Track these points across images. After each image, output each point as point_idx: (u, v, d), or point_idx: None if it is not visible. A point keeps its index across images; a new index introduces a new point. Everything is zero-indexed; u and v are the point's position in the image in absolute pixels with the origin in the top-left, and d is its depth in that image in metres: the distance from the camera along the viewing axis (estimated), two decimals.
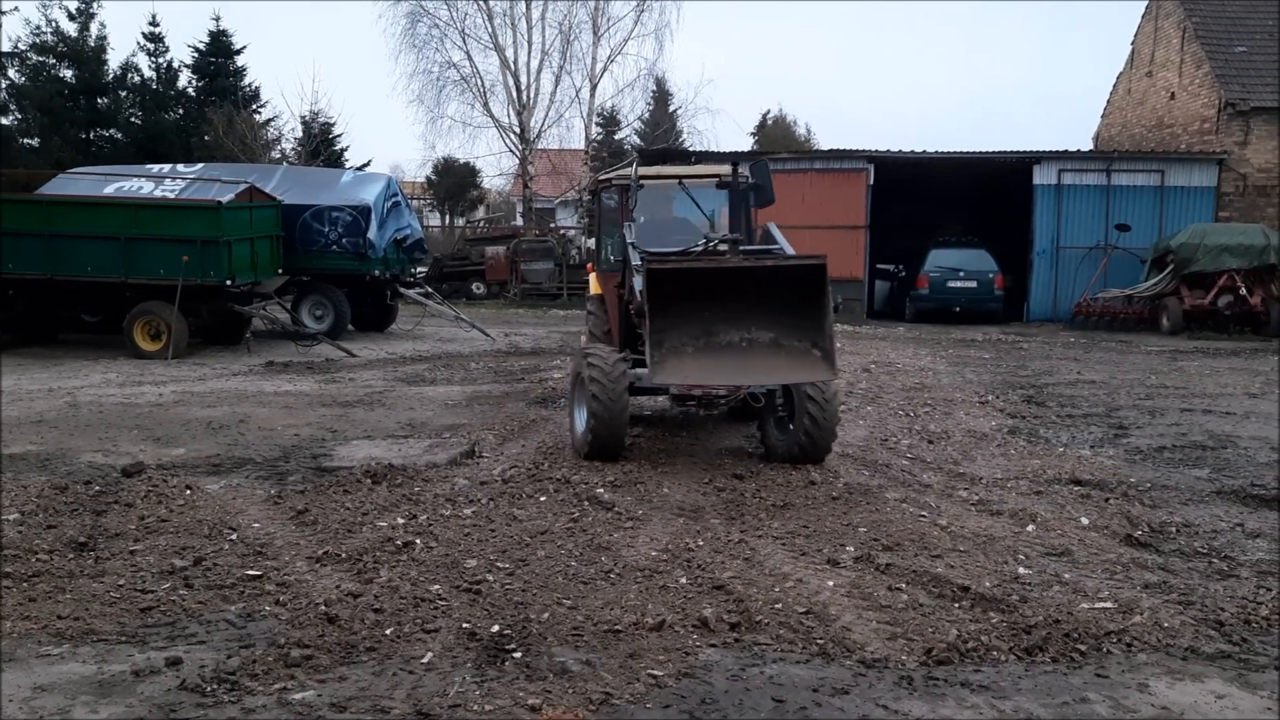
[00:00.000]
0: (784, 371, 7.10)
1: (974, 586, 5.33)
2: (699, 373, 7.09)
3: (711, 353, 7.01)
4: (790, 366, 7.02)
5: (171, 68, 35.53)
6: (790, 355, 7.00)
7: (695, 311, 6.99)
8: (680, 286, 6.90)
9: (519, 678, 4.23)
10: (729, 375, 7.17)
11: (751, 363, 7.03)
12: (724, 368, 7.04)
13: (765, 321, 7.04)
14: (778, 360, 7.01)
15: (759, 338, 7.02)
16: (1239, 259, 20.48)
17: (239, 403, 11.37)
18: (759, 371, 7.10)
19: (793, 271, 7.15)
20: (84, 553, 5.86)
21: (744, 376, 7.21)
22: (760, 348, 7.03)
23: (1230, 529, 6.74)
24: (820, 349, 6.91)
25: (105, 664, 4.37)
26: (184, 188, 16.56)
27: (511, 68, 33.30)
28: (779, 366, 7.04)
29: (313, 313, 18.04)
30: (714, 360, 7.01)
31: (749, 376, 7.21)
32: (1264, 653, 4.62)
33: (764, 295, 7.01)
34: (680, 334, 6.97)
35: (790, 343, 7.00)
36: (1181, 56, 26.24)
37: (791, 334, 7.00)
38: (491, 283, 28.77)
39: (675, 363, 6.92)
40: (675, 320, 6.92)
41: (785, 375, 7.19)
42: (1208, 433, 10.06)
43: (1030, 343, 19.54)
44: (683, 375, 7.06)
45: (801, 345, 6.98)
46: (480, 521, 6.56)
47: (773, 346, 7.02)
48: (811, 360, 6.95)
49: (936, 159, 24.65)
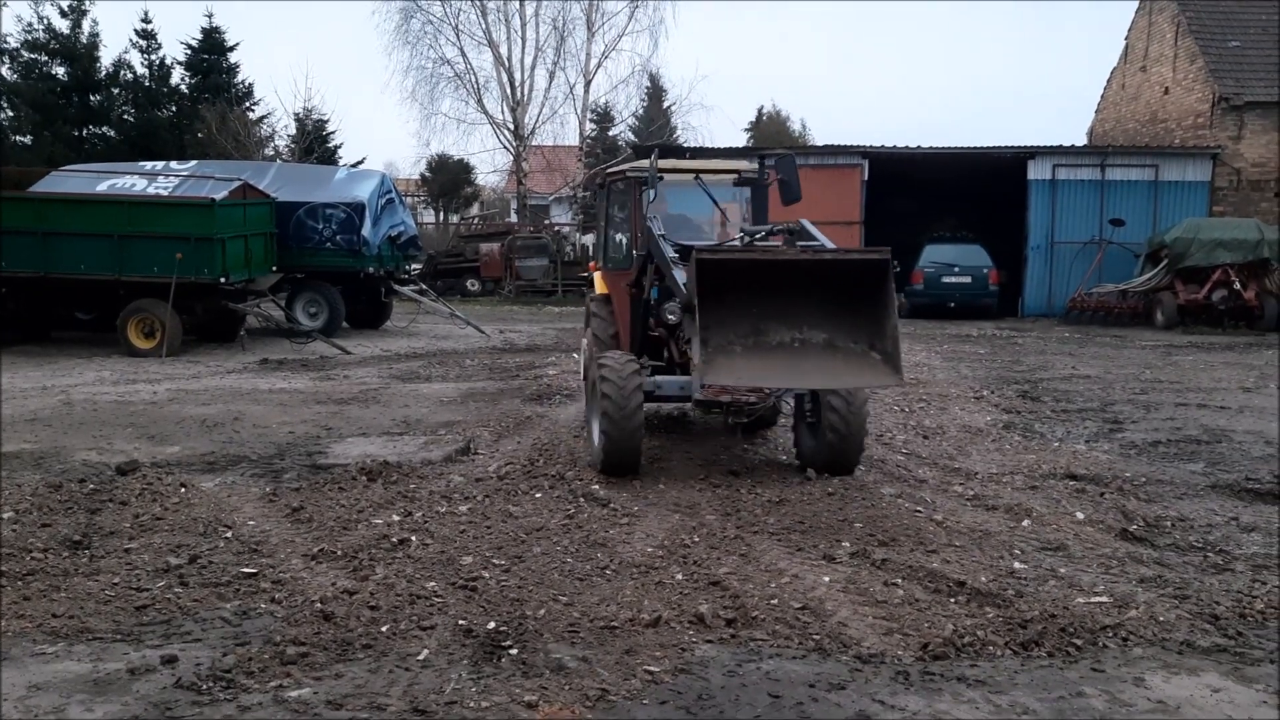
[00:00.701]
0: (842, 374, 6.47)
1: (970, 581, 5.33)
2: (750, 374, 6.49)
3: (760, 353, 6.41)
4: (849, 369, 6.39)
5: (164, 65, 35.47)
6: (847, 358, 6.36)
7: (744, 307, 6.40)
8: (730, 279, 6.32)
9: (515, 675, 4.22)
10: (782, 377, 6.60)
11: (804, 364, 6.40)
12: (775, 369, 6.44)
13: (819, 320, 6.43)
14: (834, 363, 6.38)
15: (812, 338, 6.42)
16: (1233, 253, 20.52)
17: (233, 400, 11.35)
18: (814, 374, 6.46)
19: (853, 266, 6.47)
20: (79, 551, 5.84)
21: (799, 379, 6.61)
22: (813, 349, 6.41)
23: (1225, 523, 6.75)
24: (880, 351, 6.28)
25: (100, 662, 4.36)
26: (177, 185, 16.52)
27: (505, 64, 33.28)
28: (836, 369, 6.41)
29: (307, 310, 18.01)
30: (763, 361, 6.41)
31: (804, 379, 6.59)
32: (1259, 646, 4.63)
33: (818, 291, 6.41)
34: (728, 331, 6.37)
35: (846, 344, 6.38)
36: (1175, 51, 26.26)
37: (848, 335, 6.39)
38: (486, 279, 28.76)
39: (725, 362, 6.32)
40: (723, 316, 6.32)
41: (845, 378, 6.54)
42: (1202, 427, 10.07)
43: (1025, 338, 19.57)
44: (734, 376, 6.49)
45: (858, 348, 6.35)
46: (476, 518, 6.55)
47: (827, 348, 6.40)
48: (871, 364, 6.31)
49: (931, 154, 24.65)
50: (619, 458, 7.44)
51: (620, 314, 9.02)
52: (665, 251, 7.68)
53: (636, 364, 7.61)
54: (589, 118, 37.19)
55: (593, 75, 34.15)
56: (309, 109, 36.50)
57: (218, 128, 31.30)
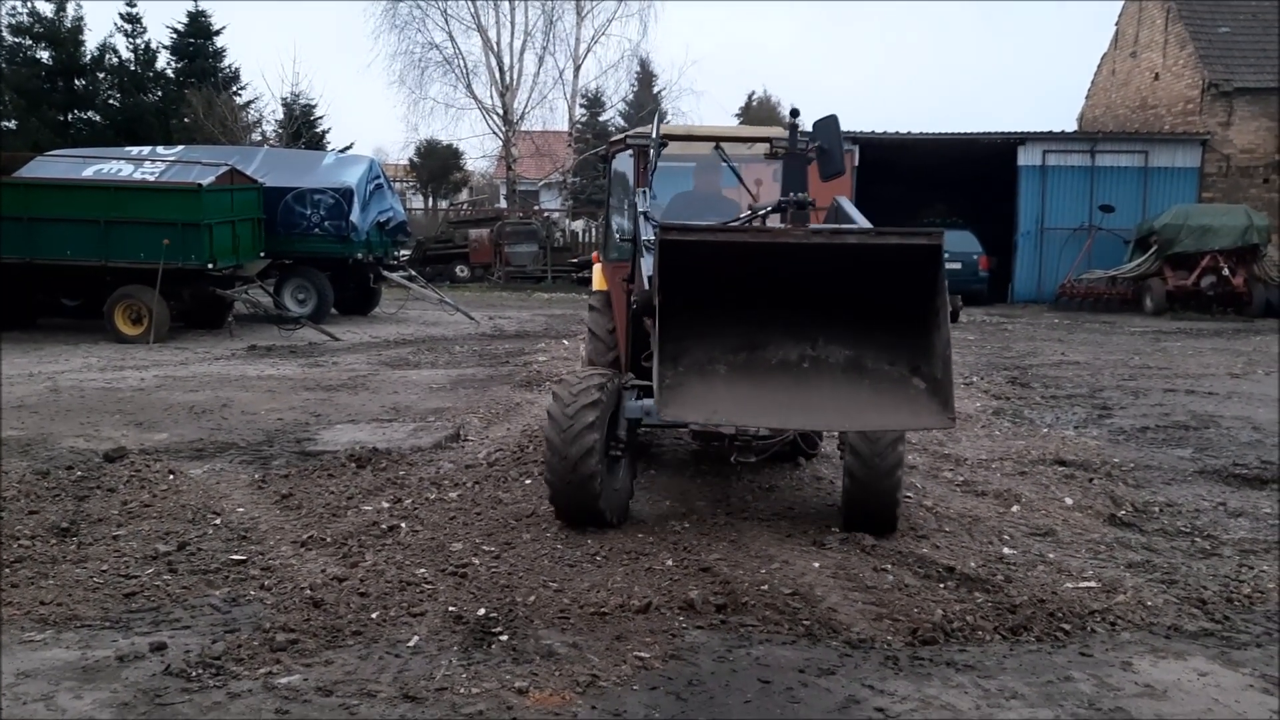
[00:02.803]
0: (869, 410, 4.50)
1: (959, 567, 5.35)
2: (732, 407, 4.54)
3: (755, 376, 4.62)
4: (879, 403, 4.45)
5: (150, 49, 35.21)
6: (877, 386, 4.50)
7: (733, 310, 4.61)
8: (710, 270, 4.47)
9: (506, 660, 4.22)
10: (779, 412, 4.58)
11: (816, 395, 4.53)
12: (770, 402, 4.55)
13: (840, 330, 4.59)
14: (858, 392, 4.50)
15: (829, 355, 4.60)
16: (1222, 240, 20.60)
17: (221, 387, 11.30)
18: (828, 408, 4.52)
19: (890, 254, 4.43)
20: (67, 538, 5.81)
21: (805, 415, 4.62)
22: (831, 371, 4.59)
23: (1213, 508, 6.79)
24: (926, 378, 4.40)
25: (89, 650, 4.34)
26: (164, 170, 16.42)
27: (494, 48, 33.16)
28: (861, 401, 4.48)
29: (295, 296, 17.94)
30: (757, 388, 4.59)
31: (813, 415, 4.63)
32: (1246, 630, 4.65)
33: (840, 290, 4.53)
34: (709, 344, 4.58)
35: (878, 365, 4.55)
36: (1165, 37, 26.28)
37: (880, 352, 4.55)
38: (475, 266, 28.68)
39: (698, 389, 4.49)
40: (701, 322, 4.52)
41: (871, 415, 4.54)
42: (1190, 413, 10.12)
43: (1014, 324, 19.62)
44: (707, 409, 4.51)
45: (895, 371, 4.51)
46: (465, 505, 6.54)
47: (851, 370, 4.58)
48: (911, 395, 4.43)
49: (921, 140, 24.65)
50: (566, 507, 5.86)
51: (619, 316, 7.49)
52: (643, 233, 6.19)
53: (600, 388, 5.78)
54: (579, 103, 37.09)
55: (582, 60, 34.09)
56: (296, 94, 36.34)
57: (204, 113, 31.12)
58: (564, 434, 5.63)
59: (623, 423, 6.05)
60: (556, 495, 5.85)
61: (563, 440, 5.63)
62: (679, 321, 4.45)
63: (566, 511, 5.91)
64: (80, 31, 33.24)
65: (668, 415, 4.55)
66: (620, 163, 8.07)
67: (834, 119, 6.91)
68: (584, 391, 5.75)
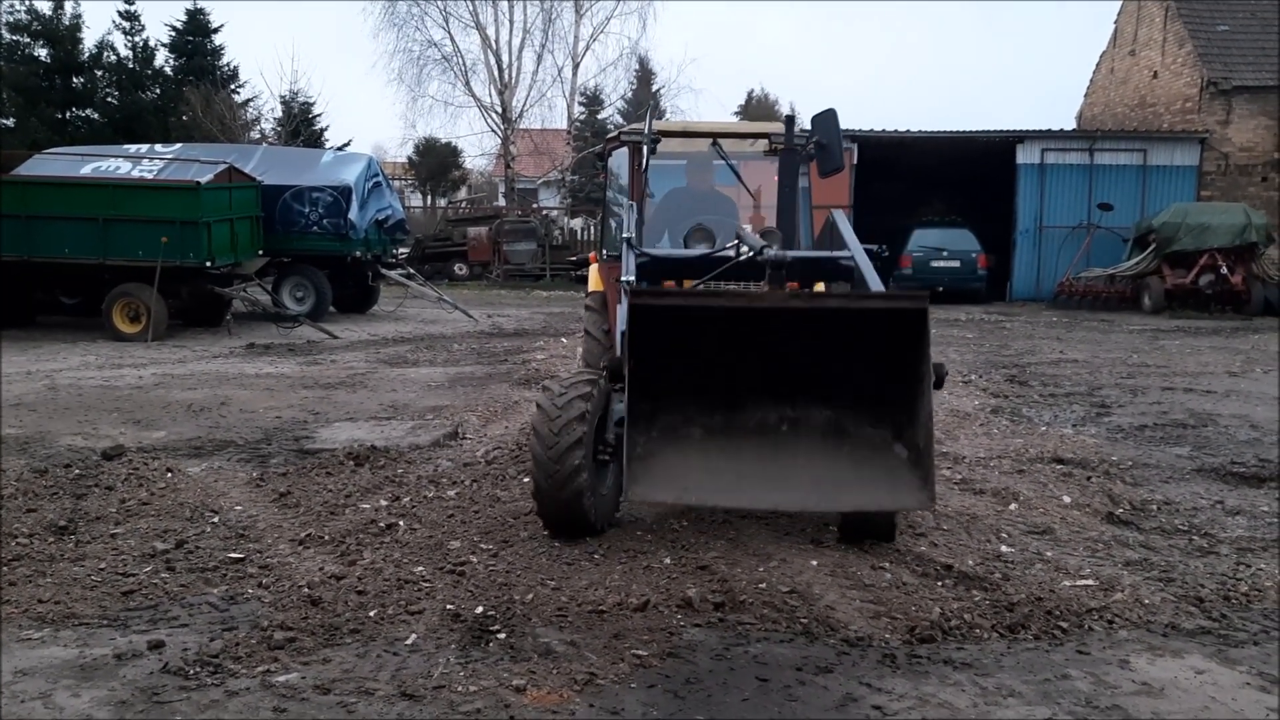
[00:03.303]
0: (846, 488, 4.33)
1: (957, 565, 5.35)
2: (707, 481, 4.33)
3: (731, 440, 4.41)
4: (856, 476, 4.29)
5: (148, 46, 35.19)
6: (856, 452, 4.34)
7: (709, 369, 4.39)
8: (685, 330, 4.27)
9: (503, 659, 4.22)
10: (754, 488, 4.37)
11: (793, 464, 4.34)
12: (748, 473, 4.37)
13: (821, 391, 4.40)
14: (836, 460, 4.33)
15: (809, 417, 4.40)
16: (1220, 238, 20.60)
17: (220, 385, 11.30)
18: (804, 485, 4.33)
19: (874, 317, 4.33)
20: (64, 536, 5.81)
21: (779, 493, 4.38)
22: (809, 435, 4.40)
23: (1210, 506, 6.79)
24: (909, 445, 4.23)
25: (87, 647, 4.34)
26: (162, 168, 16.41)
27: (493, 46, 33.15)
28: (839, 476, 4.32)
29: (294, 294, 17.94)
30: (733, 457, 4.40)
31: (787, 494, 4.37)
32: (1243, 629, 4.66)
33: (821, 351, 4.37)
34: (684, 404, 4.37)
35: (860, 429, 4.37)
36: (1164, 35, 26.28)
37: (863, 414, 4.37)
38: (474, 264, 28.68)
39: (670, 459, 4.30)
40: (676, 381, 4.33)
41: (848, 496, 4.38)
42: (1189, 411, 10.12)
43: (1013, 322, 19.62)
44: (679, 486, 4.30)
45: (878, 434, 4.32)
46: (464, 503, 6.54)
47: (831, 435, 4.40)
48: (891, 466, 4.25)
49: (920, 138, 24.65)
50: (554, 516, 5.64)
51: (613, 318, 7.28)
52: (624, 261, 5.88)
53: (589, 388, 5.57)
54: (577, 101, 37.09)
55: (581, 58, 34.09)
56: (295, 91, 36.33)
57: (203, 110, 31.10)
58: (552, 444, 5.39)
59: (612, 426, 5.79)
60: (543, 505, 5.62)
61: (549, 450, 5.40)
62: (653, 381, 4.20)
63: (554, 521, 5.69)
64: (78, 29, 33.24)
65: (636, 495, 4.22)
66: (617, 159, 7.94)
67: (832, 113, 6.78)
68: (570, 399, 5.46)
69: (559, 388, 5.66)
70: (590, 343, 7.54)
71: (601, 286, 7.70)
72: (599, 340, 7.43)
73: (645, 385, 4.15)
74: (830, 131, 6.74)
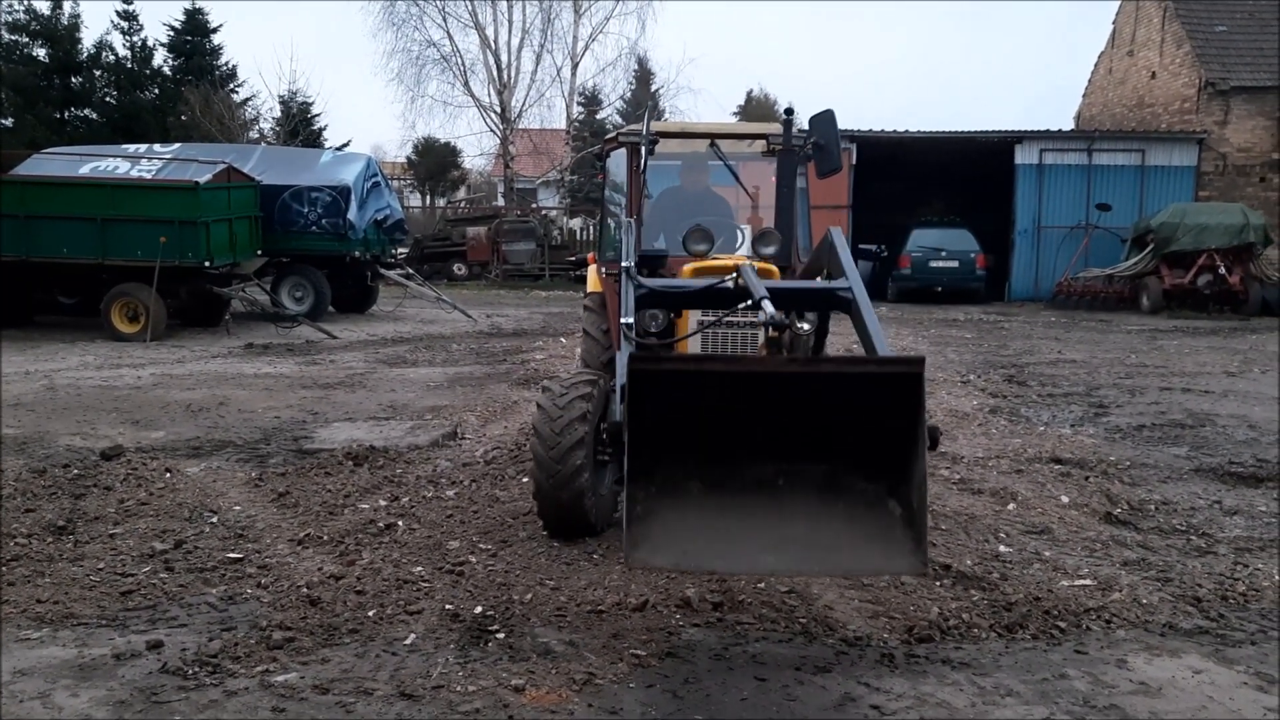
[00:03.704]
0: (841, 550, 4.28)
1: (955, 565, 5.36)
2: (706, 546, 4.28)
3: (729, 498, 4.38)
4: (850, 537, 4.28)
5: (146, 46, 35.14)
6: (851, 511, 4.33)
7: (708, 426, 4.38)
8: (684, 392, 4.31)
9: (502, 658, 4.22)
10: (751, 551, 4.29)
11: (789, 521, 4.33)
12: (744, 531, 4.34)
13: (818, 447, 4.41)
14: (831, 520, 4.32)
15: (807, 470, 4.41)
16: (1218, 238, 20.62)
17: (218, 385, 11.30)
18: (797, 544, 4.30)
19: (870, 382, 4.38)
20: (63, 536, 5.81)
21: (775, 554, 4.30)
22: (805, 490, 4.38)
23: (1208, 506, 6.80)
24: (903, 503, 4.22)
25: (85, 647, 4.34)
26: (161, 168, 16.40)
27: (492, 46, 33.14)
28: (833, 534, 4.30)
29: (292, 294, 17.94)
30: (731, 514, 4.36)
31: (783, 556, 4.30)
32: (1241, 628, 4.66)
33: (819, 410, 4.38)
34: (683, 461, 4.34)
35: (854, 482, 4.38)
36: (1162, 36, 26.30)
37: (858, 471, 4.38)
38: (473, 263, 28.68)
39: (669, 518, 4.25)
40: (673, 443, 4.30)
41: (842, 558, 4.31)
42: (1186, 411, 10.13)
43: (1011, 322, 19.64)
44: (677, 549, 4.24)
45: (872, 490, 4.33)
46: (462, 503, 6.55)
47: (827, 489, 4.39)
48: (885, 525, 4.25)
49: (918, 138, 24.66)
50: (554, 516, 5.67)
51: (613, 318, 7.22)
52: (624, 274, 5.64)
53: (589, 388, 5.63)
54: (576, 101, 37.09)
55: (580, 58, 34.09)
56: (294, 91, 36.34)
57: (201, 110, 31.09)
58: (553, 444, 5.43)
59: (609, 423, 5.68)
60: (544, 503, 5.64)
61: (551, 450, 5.44)
62: (651, 440, 4.23)
63: (555, 520, 5.71)
64: (77, 29, 33.22)
65: (635, 562, 4.24)
66: (616, 160, 7.91)
67: (830, 114, 6.74)
68: (570, 404, 5.49)
69: (560, 388, 5.68)
70: (589, 342, 7.55)
71: (600, 287, 7.68)
72: (597, 340, 7.44)
73: (644, 444, 4.20)
74: (828, 132, 6.70)
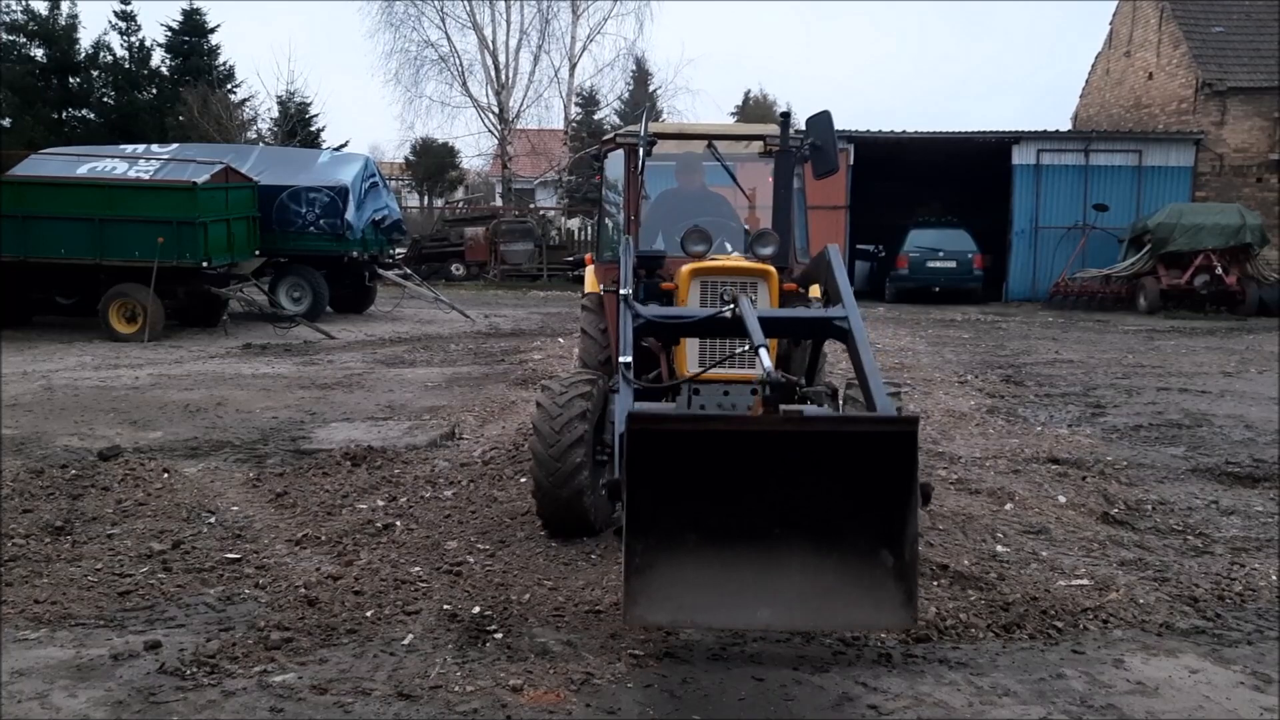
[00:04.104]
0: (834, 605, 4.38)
1: (953, 565, 5.36)
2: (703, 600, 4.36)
3: (726, 550, 4.48)
4: (843, 591, 4.39)
5: (144, 47, 35.04)
6: (845, 564, 4.42)
7: (705, 480, 4.48)
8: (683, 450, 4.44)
9: (500, 658, 4.23)
10: (747, 605, 4.39)
11: (785, 574, 4.44)
12: (740, 584, 4.43)
13: (812, 497, 4.52)
14: (825, 571, 4.42)
15: (801, 521, 4.55)
16: (1215, 238, 20.65)
17: (216, 385, 11.29)
18: (792, 598, 4.39)
19: (865, 441, 4.51)
20: (61, 537, 5.81)
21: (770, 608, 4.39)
22: (801, 541, 4.49)
23: (1205, 506, 6.81)
24: (895, 555, 4.34)
25: (83, 648, 4.34)
26: (158, 168, 16.38)
27: (490, 47, 33.16)
28: (825, 587, 4.40)
29: (290, 294, 17.93)
30: (727, 566, 4.48)
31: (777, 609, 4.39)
32: (1237, 628, 4.67)
33: (816, 464, 4.51)
34: (680, 516, 4.44)
35: (849, 535, 4.50)
36: (1159, 36, 26.33)
37: (852, 521, 4.50)
38: (471, 264, 28.68)
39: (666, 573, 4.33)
40: (671, 495, 4.41)
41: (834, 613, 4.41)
42: (1183, 411, 10.14)
43: (1009, 322, 19.66)
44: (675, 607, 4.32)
45: (864, 542, 4.45)
46: (460, 503, 6.55)
47: (822, 540, 4.49)
48: (878, 578, 4.36)
49: (916, 139, 24.69)
50: (554, 514, 5.73)
51: (611, 319, 7.21)
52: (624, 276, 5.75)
53: (589, 387, 5.76)
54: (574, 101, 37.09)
55: (578, 59, 34.14)
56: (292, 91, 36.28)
57: (199, 111, 31.04)
58: (553, 442, 5.50)
59: (608, 426, 5.82)
60: (544, 502, 5.69)
61: (550, 449, 5.51)
62: (650, 494, 4.35)
63: (554, 519, 5.76)
64: (75, 29, 33.14)
65: (633, 619, 4.31)
66: (613, 161, 7.90)
67: (827, 115, 6.77)
68: (572, 396, 5.60)
69: (559, 386, 5.75)
70: (587, 341, 7.57)
71: (598, 288, 7.68)
72: (595, 339, 7.46)
73: (643, 500, 4.31)
74: (825, 133, 6.72)
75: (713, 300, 6.00)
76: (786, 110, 6.71)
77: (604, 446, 5.80)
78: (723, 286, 5.92)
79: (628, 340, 5.38)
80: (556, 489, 5.54)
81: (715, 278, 6.05)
